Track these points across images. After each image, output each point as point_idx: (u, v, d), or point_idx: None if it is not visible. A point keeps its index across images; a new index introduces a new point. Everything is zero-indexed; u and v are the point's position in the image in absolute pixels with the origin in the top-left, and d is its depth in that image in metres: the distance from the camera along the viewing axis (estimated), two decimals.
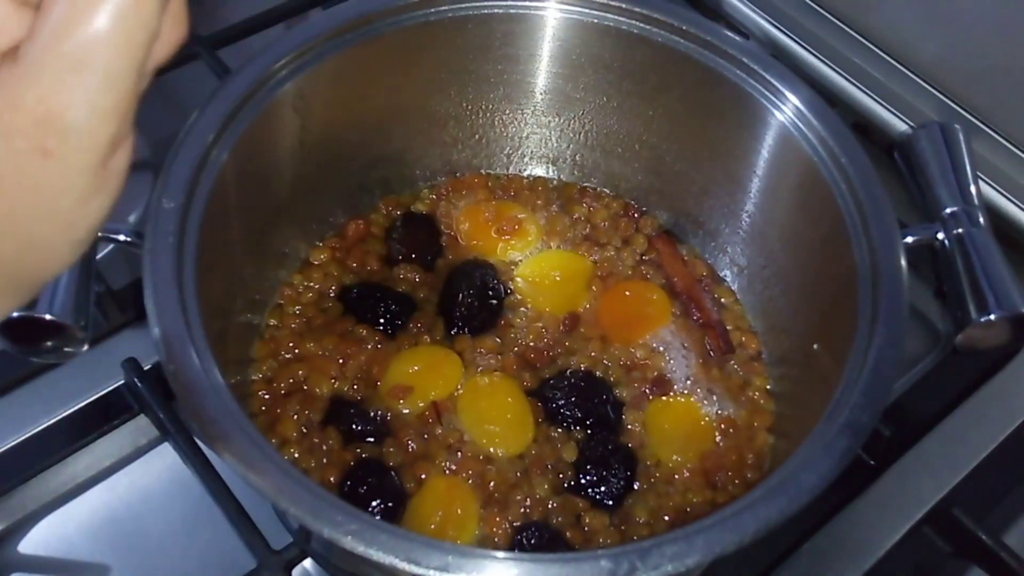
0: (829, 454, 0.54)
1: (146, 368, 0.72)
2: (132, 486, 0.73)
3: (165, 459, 0.73)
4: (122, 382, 0.73)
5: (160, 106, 0.39)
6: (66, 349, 0.59)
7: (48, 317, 0.57)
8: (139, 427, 0.74)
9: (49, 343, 0.59)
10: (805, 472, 0.53)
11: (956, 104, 0.89)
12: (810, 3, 0.96)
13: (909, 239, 0.65)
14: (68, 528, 0.71)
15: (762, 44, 0.98)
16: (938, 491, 0.71)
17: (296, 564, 0.64)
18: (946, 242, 0.67)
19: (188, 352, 0.54)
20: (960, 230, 0.67)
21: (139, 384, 0.71)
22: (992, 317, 0.63)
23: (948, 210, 0.68)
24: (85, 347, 0.60)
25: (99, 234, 0.40)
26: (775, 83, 0.70)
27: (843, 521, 0.69)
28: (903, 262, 0.62)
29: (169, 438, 0.72)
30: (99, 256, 0.73)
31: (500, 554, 0.49)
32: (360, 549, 0.48)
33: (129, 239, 0.59)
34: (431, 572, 0.48)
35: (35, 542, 0.71)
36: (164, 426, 0.71)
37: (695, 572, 0.56)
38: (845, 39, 0.95)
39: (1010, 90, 0.86)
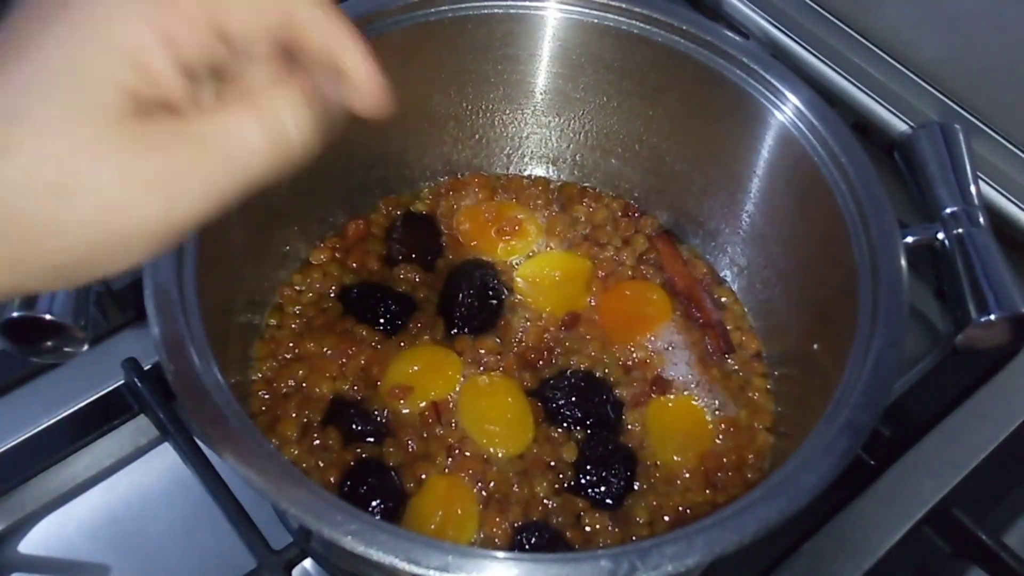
0: (829, 454, 0.54)
1: (146, 368, 0.72)
2: (132, 486, 0.73)
3: (165, 459, 0.73)
4: (122, 382, 0.73)
5: None
6: (66, 349, 0.60)
7: (48, 317, 0.57)
8: (139, 427, 0.74)
9: (49, 343, 0.59)
10: (805, 472, 0.53)
11: (956, 104, 0.89)
12: (810, 3, 0.96)
13: (909, 239, 0.65)
14: (68, 528, 0.71)
15: (762, 44, 0.98)
16: (938, 491, 0.71)
17: (296, 564, 0.64)
18: (946, 242, 0.67)
19: (188, 352, 0.54)
20: (960, 230, 0.67)
21: (139, 384, 0.71)
22: (992, 317, 0.63)
23: (948, 210, 0.68)
24: (85, 347, 0.60)
25: None
26: (775, 83, 0.70)
27: (843, 521, 0.69)
28: (903, 262, 0.62)
29: (169, 438, 0.72)
30: None
31: (500, 554, 0.49)
32: (360, 549, 0.48)
33: None
34: (431, 572, 0.48)
35: (35, 542, 0.71)
36: (164, 426, 0.71)
37: (695, 572, 0.56)
38: (845, 39, 0.95)
39: (1010, 90, 0.86)
